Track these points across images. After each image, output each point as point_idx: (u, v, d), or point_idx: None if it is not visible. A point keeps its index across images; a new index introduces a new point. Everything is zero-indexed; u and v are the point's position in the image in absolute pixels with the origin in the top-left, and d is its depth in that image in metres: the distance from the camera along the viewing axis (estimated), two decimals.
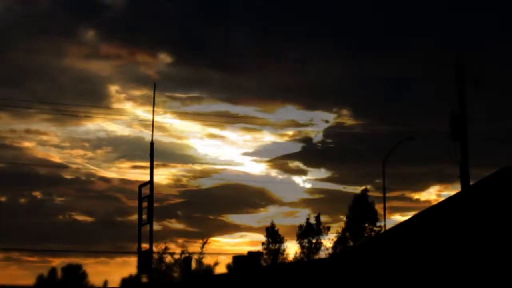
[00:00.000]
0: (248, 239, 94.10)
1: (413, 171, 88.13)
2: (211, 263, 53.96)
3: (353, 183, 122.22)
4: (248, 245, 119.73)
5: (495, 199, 30.47)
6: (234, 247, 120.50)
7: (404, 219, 45.34)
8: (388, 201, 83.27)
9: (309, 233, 59.57)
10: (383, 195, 51.37)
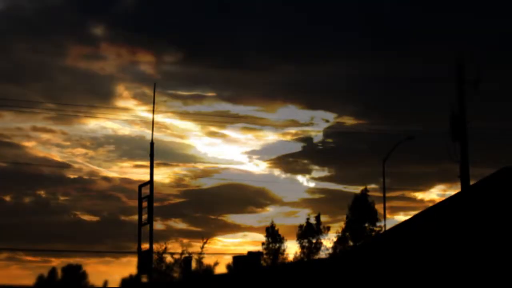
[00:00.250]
0: (249, 239, 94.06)
1: (415, 170, 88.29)
2: (211, 263, 54.01)
3: (354, 182, 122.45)
4: (249, 245, 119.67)
5: (495, 199, 30.45)
6: (235, 247, 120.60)
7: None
8: (390, 201, 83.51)
9: (309, 233, 59.59)
10: (383, 195, 51.42)
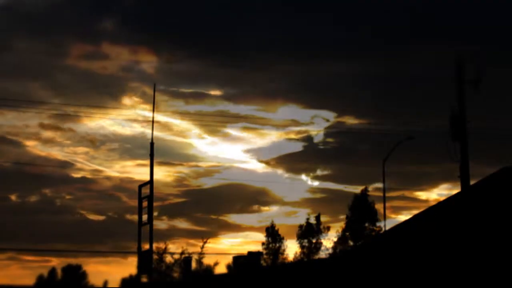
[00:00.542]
0: (249, 239, 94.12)
1: (416, 170, 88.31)
2: (211, 263, 54.00)
3: (355, 182, 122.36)
4: (249, 244, 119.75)
5: (495, 199, 30.45)
6: (236, 247, 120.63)
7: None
8: (391, 201, 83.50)
9: (309, 233, 59.59)
10: (383, 195, 51.47)
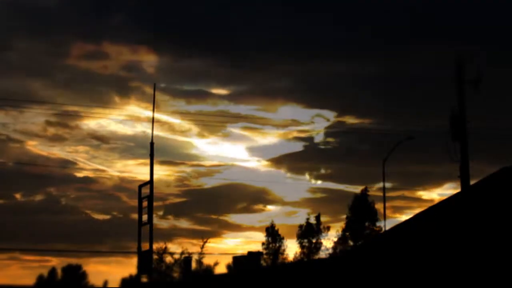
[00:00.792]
0: (250, 239, 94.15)
1: (416, 170, 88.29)
2: (211, 263, 53.99)
3: (355, 182, 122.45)
4: (250, 244, 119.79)
5: (495, 199, 30.45)
6: (237, 247, 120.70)
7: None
8: (391, 201, 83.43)
9: (309, 233, 59.59)
10: (383, 195, 51.52)
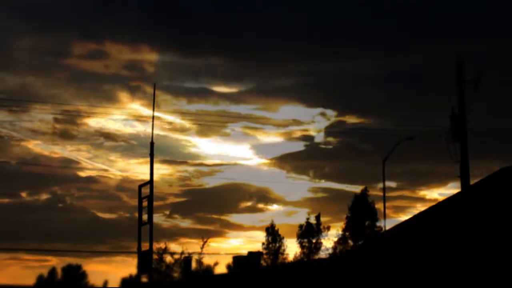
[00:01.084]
0: (251, 238, 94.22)
1: (416, 170, 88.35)
2: (211, 263, 53.99)
3: (356, 182, 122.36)
4: (251, 244, 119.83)
5: (495, 199, 30.46)
6: (237, 247, 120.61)
7: None
8: (392, 201, 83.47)
9: (309, 233, 59.53)
10: (383, 195, 51.47)
